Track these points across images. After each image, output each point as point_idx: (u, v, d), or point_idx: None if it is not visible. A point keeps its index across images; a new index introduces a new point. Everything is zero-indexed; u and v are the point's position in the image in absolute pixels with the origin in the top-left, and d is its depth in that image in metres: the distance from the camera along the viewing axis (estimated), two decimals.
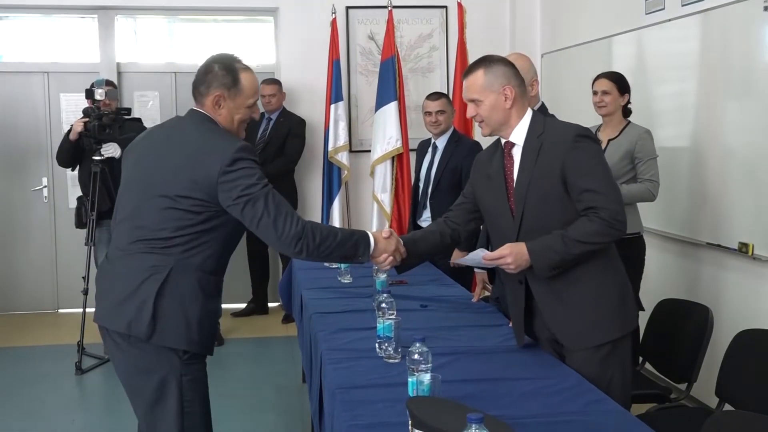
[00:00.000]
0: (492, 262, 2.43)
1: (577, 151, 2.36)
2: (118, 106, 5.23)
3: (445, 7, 6.39)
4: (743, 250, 3.69)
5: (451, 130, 4.50)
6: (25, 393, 4.50)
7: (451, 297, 3.43)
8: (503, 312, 3.06)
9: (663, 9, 4.42)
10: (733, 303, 3.82)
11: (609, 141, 3.87)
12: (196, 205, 2.29)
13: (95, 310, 2.47)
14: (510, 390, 2.18)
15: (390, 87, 5.92)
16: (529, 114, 2.49)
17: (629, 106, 3.93)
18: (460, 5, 6.05)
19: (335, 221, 6.01)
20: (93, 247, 4.94)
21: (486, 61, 2.48)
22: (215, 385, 2.63)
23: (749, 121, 3.68)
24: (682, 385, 3.05)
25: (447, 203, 4.19)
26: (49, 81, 6.31)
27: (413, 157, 5.06)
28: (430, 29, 6.46)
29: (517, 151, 2.48)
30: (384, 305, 2.57)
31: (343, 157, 6.06)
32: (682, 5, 4.22)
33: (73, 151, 5.01)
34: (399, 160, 5.96)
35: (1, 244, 6.30)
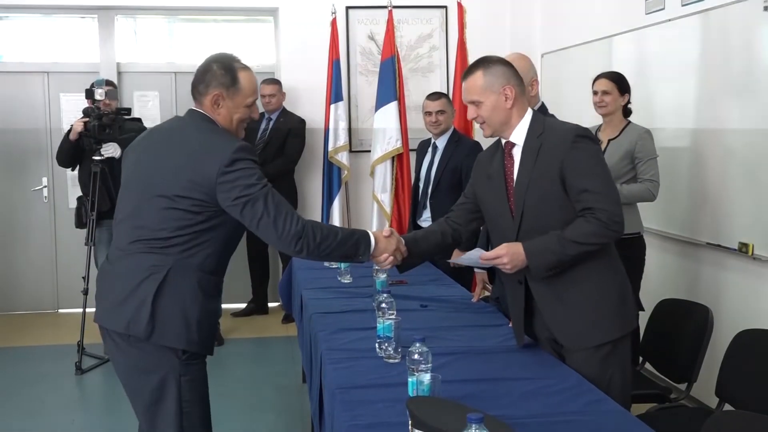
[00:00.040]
0: (488, 262, 2.44)
1: (576, 151, 2.36)
2: (118, 106, 5.23)
3: (445, 7, 6.39)
4: (743, 250, 3.69)
5: (451, 130, 4.50)
6: (25, 393, 4.50)
7: (451, 297, 3.44)
8: (503, 312, 3.06)
9: (663, 9, 4.41)
10: (733, 303, 3.82)
11: (609, 141, 3.88)
12: (195, 205, 2.29)
13: (95, 310, 2.47)
14: (510, 390, 2.18)
15: (390, 87, 5.92)
16: (530, 114, 2.49)
17: (629, 106, 3.94)
18: (460, 5, 6.05)
19: (335, 221, 6.01)
20: (93, 247, 4.94)
21: (485, 62, 2.48)
22: (215, 385, 2.63)
23: (749, 121, 3.68)
24: (682, 385, 3.05)
25: (447, 203, 4.20)
26: (49, 81, 6.31)
27: (413, 157, 5.06)
28: (430, 29, 6.46)
29: (517, 151, 2.48)
30: (384, 305, 2.57)
31: (343, 157, 6.06)
32: (682, 5, 4.22)
33: (73, 151, 5.01)
34: (399, 160, 5.96)
35: (1, 244, 6.30)
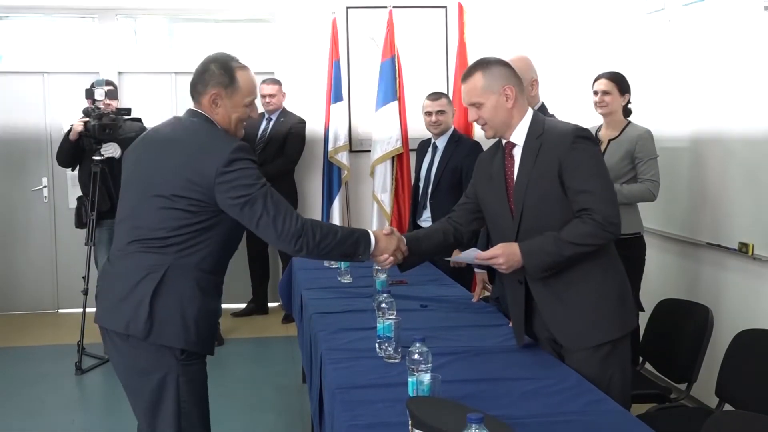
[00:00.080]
0: (484, 261, 2.45)
1: (574, 152, 2.35)
2: (118, 106, 5.23)
3: (445, 7, 6.40)
4: (743, 250, 3.69)
5: (451, 130, 4.50)
6: (25, 393, 4.50)
7: (451, 297, 3.44)
8: (503, 312, 3.06)
9: (663, 9, 4.41)
10: (733, 303, 3.82)
11: (609, 141, 3.88)
12: (192, 204, 2.29)
13: (96, 310, 2.48)
14: (510, 390, 2.18)
15: (390, 87, 5.93)
16: (530, 114, 2.49)
17: (629, 106, 3.94)
18: (460, 5, 6.04)
19: (335, 221, 6.00)
20: (93, 247, 4.94)
21: (483, 63, 2.48)
22: (215, 385, 2.63)
23: (749, 121, 3.68)
24: (682, 385, 3.05)
25: (447, 203, 4.22)
26: (49, 82, 6.31)
27: (413, 157, 5.07)
28: (430, 29, 6.45)
29: (517, 152, 2.48)
30: (384, 305, 2.57)
31: (343, 157, 6.06)
32: (682, 5, 4.22)
33: (73, 151, 5.01)
34: (399, 160, 5.96)
35: (1, 244, 6.31)
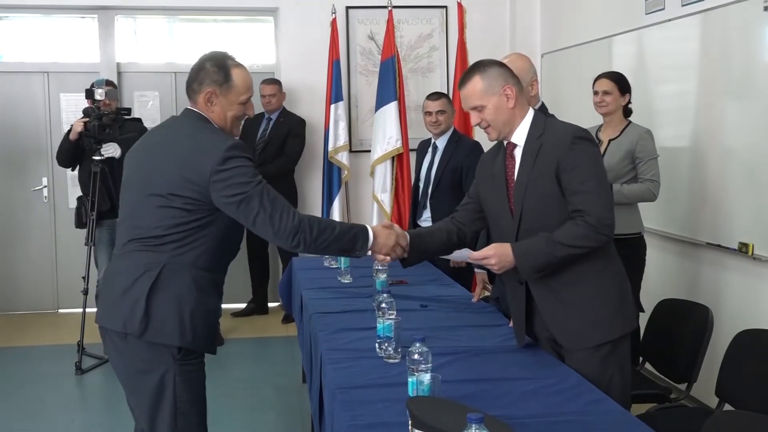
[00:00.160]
0: (477, 261, 2.45)
1: (572, 153, 2.35)
2: (118, 106, 5.23)
3: (445, 7, 6.39)
4: (743, 250, 3.69)
5: (451, 130, 4.50)
6: (25, 393, 4.50)
7: (451, 297, 3.43)
8: (503, 312, 3.06)
9: (663, 9, 4.41)
10: (733, 303, 3.82)
11: (610, 141, 3.87)
12: (188, 203, 2.29)
13: (96, 310, 2.48)
14: (510, 390, 2.18)
15: (390, 87, 5.92)
16: (531, 114, 2.49)
17: (630, 106, 3.94)
18: (460, 5, 6.05)
19: None
20: (93, 247, 4.93)
21: (480, 66, 2.48)
22: (215, 385, 2.64)
23: (749, 121, 3.68)
24: (682, 385, 3.05)
25: (447, 203, 4.22)
26: (49, 81, 6.31)
27: (413, 157, 5.06)
28: (430, 29, 6.46)
29: (518, 152, 2.48)
30: (384, 305, 2.57)
31: (343, 157, 6.06)
32: (682, 5, 4.22)
33: (73, 151, 5.01)
34: (399, 160, 5.96)
35: (1, 244, 6.30)
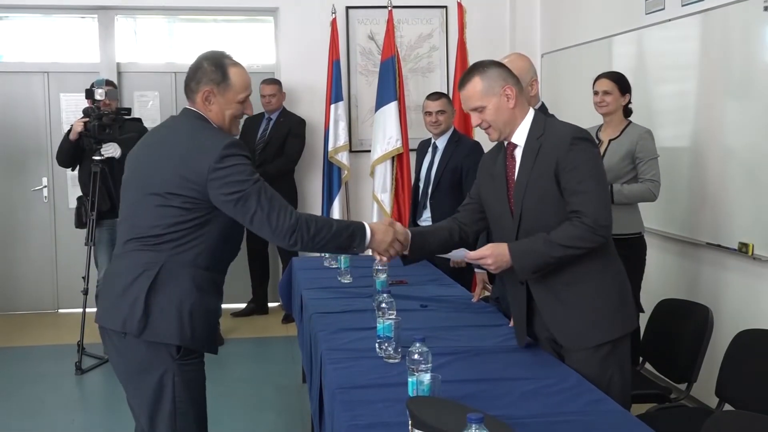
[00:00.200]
0: (473, 261, 2.46)
1: (571, 153, 2.35)
2: (118, 106, 5.23)
3: (445, 7, 6.40)
4: (743, 250, 3.69)
5: (451, 130, 4.50)
6: (25, 393, 4.50)
7: (451, 297, 3.43)
8: (503, 312, 3.06)
9: (663, 9, 4.41)
10: (733, 303, 3.82)
11: (610, 141, 3.87)
12: (186, 202, 2.29)
13: (96, 310, 2.48)
14: (510, 390, 2.18)
15: (390, 87, 5.92)
16: (531, 114, 2.49)
17: (630, 106, 3.94)
18: (460, 5, 6.05)
19: None
20: (93, 247, 4.93)
21: (479, 67, 2.48)
22: (215, 385, 2.64)
23: (749, 121, 3.68)
24: (682, 385, 3.05)
25: (447, 203, 4.22)
26: (49, 81, 6.31)
27: (413, 157, 5.06)
28: (430, 29, 6.46)
29: (518, 152, 2.48)
30: (384, 305, 2.57)
31: (343, 157, 6.06)
32: (682, 5, 4.22)
33: (73, 151, 5.01)
34: (399, 160, 5.96)
35: (1, 244, 6.30)
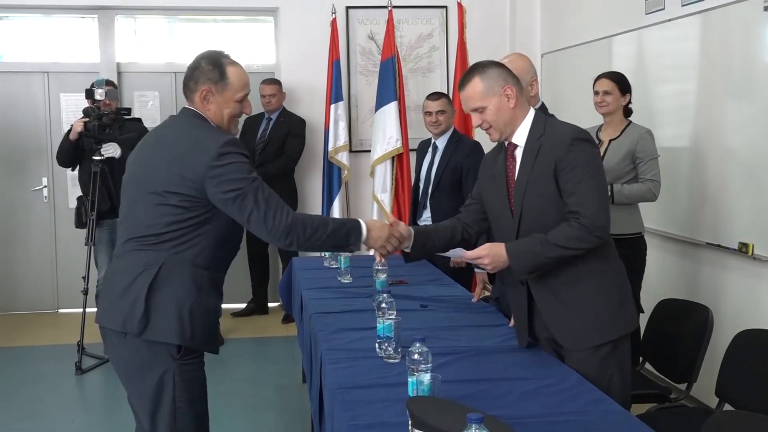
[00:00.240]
0: (470, 261, 2.47)
1: (570, 154, 2.35)
2: (118, 106, 5.23)
3: (445, 7, 6.40)
4: (743, 250, 3.69)
5: (451, 130, 4.50)
6: (25, 393, 4.50)
7: (451, 297, 3.43)
8: (503, 312, 3.06)
9: (663, 9, 4.41)
10: (733, 303, 3.82)
11: (610, 141, 3.87)
12: (185, 200, 2.29)
13: (97, 310, 2.48)
14: (510, 390, 2.18)
15: (390, 87, 5.92)
16: (532, 114, 2.49)
17: (630, 106, 3.93)
18: (460, 5, 6.05)
19: None
20: (93, 247, 4.93)
21: (479, 68, 2.48)
22: (215, 385, 2.63)
23: (749, 121, 3.68)
24: (682, 385, 3.05)
25: (447, 203, 4.22)
26: (49, 81, 6.32)
27: (413, 157, 5.06)
28: (430, 29, 6.46)
29: (519, 153, 2.48)
30: (384, 305, 2.57)
31: (343, 157, 6.06)
32: (682, 5, 4.22)
33: (73, 151, 5.01)
34: (399, 160, 5.96)
35: (1, 244, 6.30)
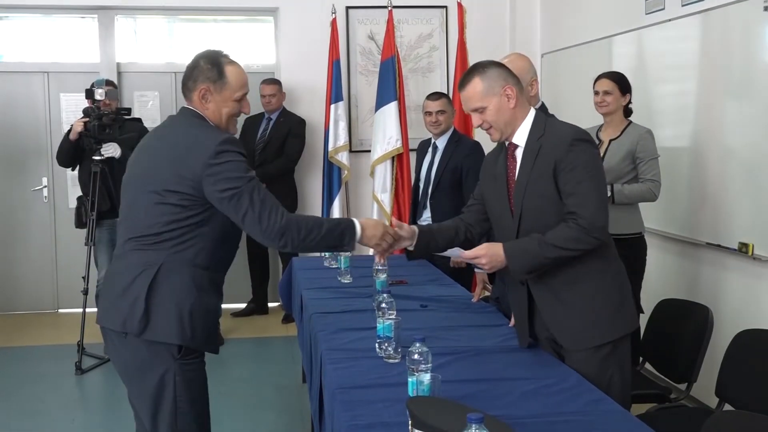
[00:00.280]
0: (467, 260, 2.47)
1: (570, 154, 2.35)
2: (118, 106, 5.23)
3: (445, 7, 6.40)
4: (743, 250, 3.69)
5: (451, 130, 4.50)
6: (25, 393, 4.50)
7: (451, 297, 3.43)
8: (503, 312, 3.06)
9: (663, 9, 4.41)
10: (733, 303, 3.82)
11: (610, 141, 3.87)
12: (183, 199, 2.29)
13: (97, 311, 2.48)
14: (510, 390, 2.19)
15: (390, 87, 5.92)
16: (532, 114, 2.49)
17: (630, 106, 3.93)
18: (460, 5, 6.05)
19: None
20: (93, 247, 4.93)
21: (479, 68, 2.48)
22: (215, 385, 2.63)
23: (749, 121, 3.68)
24: (682, 385, 3.05)
25: (447, 203, 4.23)
26: (49, 81, 6.32)
27: (413, 157, 5.07)
28: (430, 29, 6.46)
29: (519, 153, 2.48)
30: (384, 305, 2.57)
31: (343, 157, 6.06)
32: (682, 5, 4.22)
33: (73, 151, 5.01)
34: (399, 160, 5.96)
35: (1, 244, 6.30)
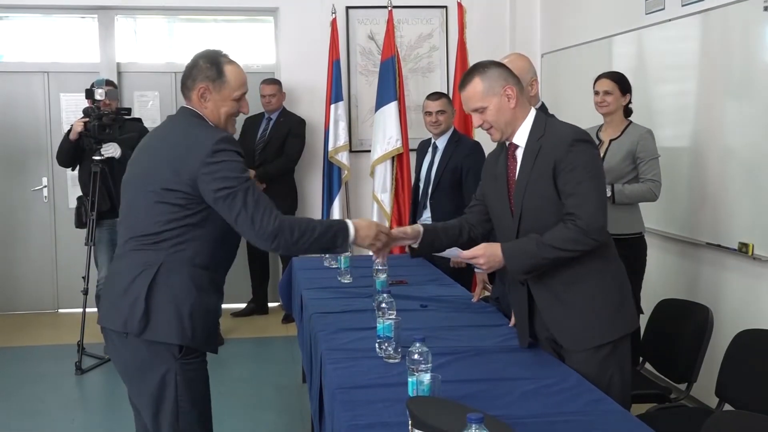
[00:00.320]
0: (465, 260, 2.48)
1: (570, 155, 2.35)
2: (118, 106, 5.23)
3: (445, 7, 6.40)
4: (743, 250, 3.69)
5: (451, 130, 4.50)
6: (25, 393, 4.50)
7: (451, 297, 3.43)
8: (503, 312, 3.06)
9: (663, 9, 4.41)
10: (733, 303, 3.82)
11: (611, 141, 3.87)
12: (181, 198, 2.29)
13: (98, 311, 2.48)
14: (510, 390, 2.19)
15: (390, 87, 5.92)
16: (532, 114, 2.49)
17: (630, 106, 3.93)
18: (460, 5, 6.05)
19: None
20: (93, 247, 4.93)
21: (479, 68, 2.47)
22: (216, 384, 2.63)
23: (749, 121, 3.68)
24: (682, 385, 3.05)
25: (447, 203, 4.23)
26: (49, 81, 6.32)
27: (413, 157, 5.07)
28: (430, 29, 6.46)
29: (519, 153, 2.48)
30: (384, 305, 2.57)
31: (343, 157, 6.06)
32: (682, 5, 4.22)
33: (73, 151, 5.01)
34: (399, 160, 5.96)
35: (1, 244, 6.30)
